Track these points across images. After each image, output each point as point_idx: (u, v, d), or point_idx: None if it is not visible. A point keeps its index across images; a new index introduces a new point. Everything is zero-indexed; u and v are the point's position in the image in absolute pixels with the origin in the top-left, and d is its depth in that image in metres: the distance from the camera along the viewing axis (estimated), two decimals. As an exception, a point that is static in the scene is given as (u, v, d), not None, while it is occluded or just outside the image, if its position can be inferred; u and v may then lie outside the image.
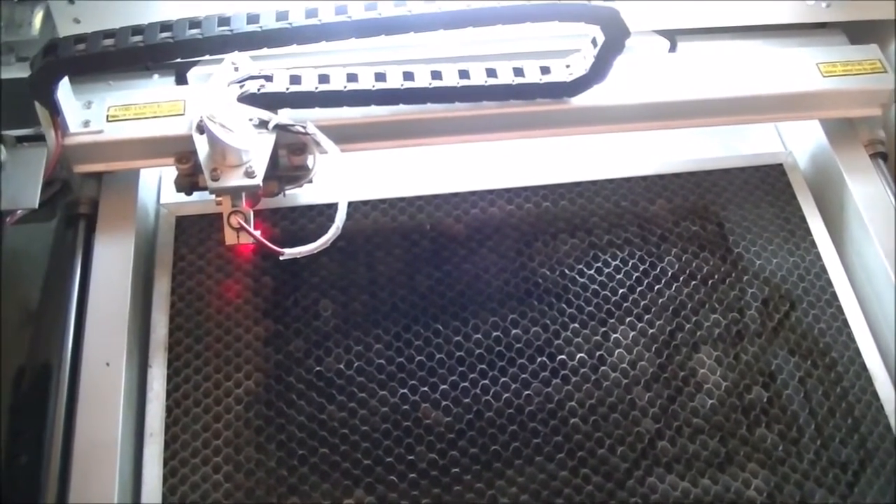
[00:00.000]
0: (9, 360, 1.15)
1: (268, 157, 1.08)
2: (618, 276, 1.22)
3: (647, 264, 1.24)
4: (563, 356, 1.15)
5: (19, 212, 1.14)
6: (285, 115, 1.11)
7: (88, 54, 1.04)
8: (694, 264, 1.24)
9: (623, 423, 1.12)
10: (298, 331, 1.15)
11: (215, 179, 1.05)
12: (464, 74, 1.16)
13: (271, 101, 1.12)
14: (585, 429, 1.11)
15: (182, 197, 1.17)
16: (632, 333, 1.18)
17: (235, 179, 1.05)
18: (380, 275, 1.20)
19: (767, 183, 1.34)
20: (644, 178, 1.32)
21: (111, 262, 1.14)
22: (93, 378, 1.06)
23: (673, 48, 1.42)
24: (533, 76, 1.17)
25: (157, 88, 1.28)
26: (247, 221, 1.06)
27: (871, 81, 1.29)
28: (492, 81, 1.15)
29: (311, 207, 1.24)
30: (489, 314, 1.18)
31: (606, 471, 1.09)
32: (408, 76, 1.14)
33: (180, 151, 1.12)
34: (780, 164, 1.36)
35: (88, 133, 1.14)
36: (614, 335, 1.18)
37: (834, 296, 1.25)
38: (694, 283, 1.23)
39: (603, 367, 1.15)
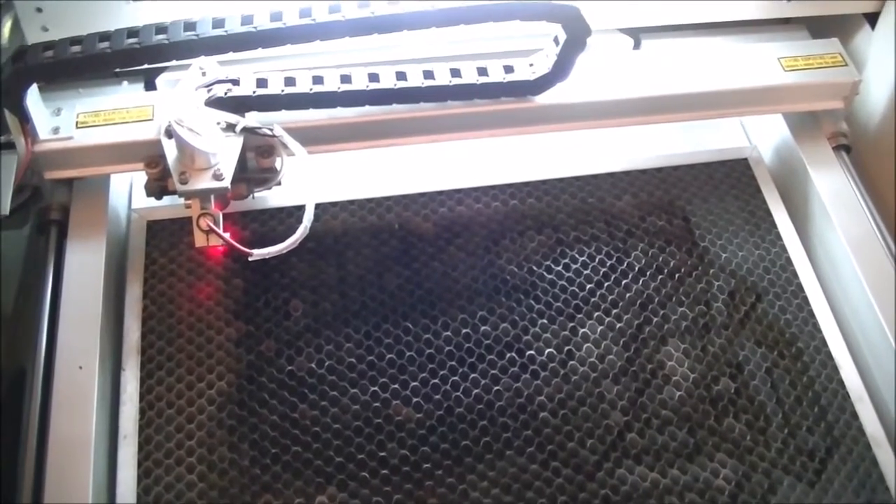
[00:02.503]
0: (-17, 366, 1.16)
1: (236, 159, 1.09)
2: (585, 272, 1.23)
3: (615, 259, 1.25)
4: (531, 351, 1.16)
5: (-10, 220, 1.15)
6: (252, 119, 1.12)
7: (56, 61, 1.05)
8: (660, 259, 1.26)
9: (592, 416, 1.13)
10: (269, 331, 1.15)
11: (184, 183, 1.06)
12: (428, 75, 1.17)
13: (238, 105, 1.12)
14: (555, 422, 1.12)
15: (154, 202, 1.18)
16: (600, 328, 1.19)
17: (204, 182, 1.06)
18: (349, 274, 1.21)
19: (732, 177, 1.36)
20: (610, 174, 1.34)
21: (83, 268, 1.14)
22: (66, 381, 1.06)
23: (637, 46, 1.44)
24: (497, 75, 1.18)
25: (125, 94, 1.29)
26: (216, 223, 1.07)
27: (832, 75, 1.30)
28: (456, 81, 1.17)
29: (280, 209, 1.25)
30: (458, 311, 1.19)
31: (576, 463, 1.10)
32: (373, 78, 1.15)
33: (149, 156, 1.13)
34: (745, 159, 1.38)
35: (58, 139, 1.14)
36: (582, 330, 1.19)
37: (799, 287, 1.26)
38: (661, 277, 1.24)
39: (571, 362, 1.16)
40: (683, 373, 1.17)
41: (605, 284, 1.23)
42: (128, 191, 1.26)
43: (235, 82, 1.14)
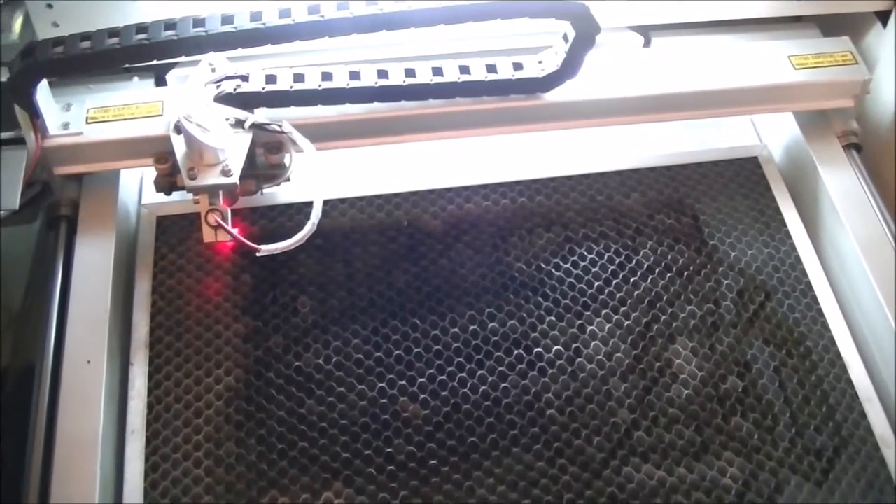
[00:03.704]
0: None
1: (244, 155, 1.09)
2: (593, 270, 1.23)
3: (623, 257, 1.25)
4: (539, 349, 1.16)
5: (1, 214, 1.15)
6: (261, 115, 1.12)
7: (66, 56, 1.05)
8: (669, 257, 1.26)
9: (599, 413, 1.13)
10: (277, 327, 1.16)
11: (192, 178, 1.06)
12: (437, 72, 1.17)
13: (247, 101, 1.13)
14: (562, 420, 1.12)
15: (164, 197, 1.18)
16: (608, 325, 1.19)
17: (212, 178, 1.06)
18: (357, 271, 1.21)
19: (742, 175, 1.35)
20: (619, 172, 1.34)
21: (92, 263, 1.15)
22: (74, 376, 1.06)
23: (647, 43, 1.44)
24: (506, 72, 1.18)
25: (135, 90, 1.30)
26: (224, 219, 1.07)
27: (843, 73, 1.30)
28: (465, 78, 1.17)
29: (289, 206, 1.25)
30: (466, 308, 1.19)
31: (583, 461, 1.10)
32: (382, 74, 1.16)
33: (159, 152, 1.13)
34: (755, 157, 1.37)
35: (68, 135, 1.15)
36: (590, 327, 1.19)
37: (808, 286, 1.26)
38: (669, 275, 1.24)
39: (579, 359, 1.16)
40: (691, 371, 1.17)
41: (614, 282, 1.23)
42: (137, 186, 1.27)
43: (244, 78, 1.14)
